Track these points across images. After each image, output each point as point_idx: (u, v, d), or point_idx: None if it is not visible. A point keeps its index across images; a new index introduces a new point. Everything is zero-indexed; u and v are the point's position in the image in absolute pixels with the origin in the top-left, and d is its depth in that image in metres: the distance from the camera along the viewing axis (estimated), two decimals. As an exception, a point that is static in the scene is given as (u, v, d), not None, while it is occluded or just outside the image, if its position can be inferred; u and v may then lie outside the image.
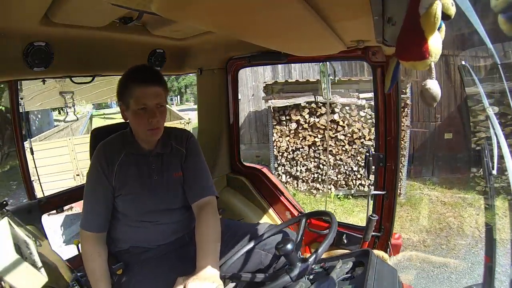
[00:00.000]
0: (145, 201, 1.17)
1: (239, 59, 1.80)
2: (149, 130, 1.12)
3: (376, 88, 1.35)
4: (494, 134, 1.27)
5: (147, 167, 1.19)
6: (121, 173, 1.16)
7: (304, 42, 1.00)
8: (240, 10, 0.58)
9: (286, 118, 5.11)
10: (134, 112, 1.10)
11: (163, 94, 1.12)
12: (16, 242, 0.92)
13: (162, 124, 1.15)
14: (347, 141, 5.04)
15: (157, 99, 1.10)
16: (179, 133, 1.30)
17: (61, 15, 1.01)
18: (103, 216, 1.16)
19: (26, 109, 5.39)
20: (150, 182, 1.18)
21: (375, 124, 1.42)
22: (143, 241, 1.19)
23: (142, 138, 1.18)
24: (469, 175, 5.11)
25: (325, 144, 5.05)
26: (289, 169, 5.28)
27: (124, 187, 1.15)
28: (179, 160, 1.25)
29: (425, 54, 0.52)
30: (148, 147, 1.20)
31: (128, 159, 1.17)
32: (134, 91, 1.08)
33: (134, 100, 1.08)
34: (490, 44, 1.19)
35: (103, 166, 1.15)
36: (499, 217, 2.91)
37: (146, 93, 1.08)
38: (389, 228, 1.41)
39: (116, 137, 1.23)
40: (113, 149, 1.18)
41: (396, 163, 1.36)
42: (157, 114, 1.10)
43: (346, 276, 1.02)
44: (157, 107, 1.11)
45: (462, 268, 3.45)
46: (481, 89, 1.12)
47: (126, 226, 1.19)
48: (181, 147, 1.26)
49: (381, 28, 0.72)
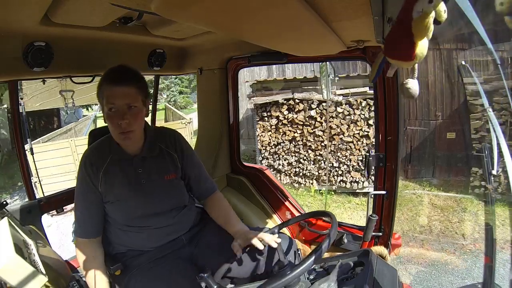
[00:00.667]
0: (133, 207, 1.14)
1: (239, 59, 1.80)
2: (120, 133, 1.06)
3: (376, 88, 1.35)
4: (494, 134, 1.27)
5: (133, 172, 1.15)
6: (107, 179, 1.12)
7: (304, 42, 1.00)
8: (240, 10, 0.58)
9: (267, 114, 5.44)
10: (106, 113, 1.06)
11: (134, 94, 1.06)
12: (16, 242, 0.92)
13: (135, 127, 1.08)
14: (326, 137, 5.18)
15: (126, 99, 1.04)
16: (166, 134, 1.26)
17: (61, 15, 1.01)
18: (95, 222, 1.14)
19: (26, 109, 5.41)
20: (138, 187, 1.14)
21: (375, 124, 1.42)
22: (137, 245, 1.18)
23: (118, 142, 1.12)
24: (469, 177, 5.01)
25: (304, 139, 5.30)
26: (272, 162, 5.59)
27: (110, 193, 1.12)
28: (171, 162, 1.21)
29: (411, 56, 0.53)
30: (132, 151, 1.15)
31: (113, 165, 1.13)
32: (104, 91, 1.05)
33: (105, 101, 1.04)
34: (490, 44, 1.19)
35: (89, 172, 1.12)
36: (499, 217, 2.90)
37: (114, 92, 1.03)
38: (389, 228, 1.41)
39: (103, 141, 1.18)
40: (98, 155, 1.14)
41: (396, 163, 1.36)
42: (126, 116, 1.03)
43: (346, 276, 1.02)
44: (128, 108, 1.04)
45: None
46: (481, 89, 1.11)
47: (118, 230, 1.17)
48: (171, 150, 1.22)
49: (381, 28, 0.72)
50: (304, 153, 5.36)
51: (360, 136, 5.03)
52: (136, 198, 1.14)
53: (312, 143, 5.27)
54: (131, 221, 1.15)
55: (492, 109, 1.68)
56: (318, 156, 5.30)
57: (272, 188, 1.90)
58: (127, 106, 1.05)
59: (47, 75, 1.40)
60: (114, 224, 1.17)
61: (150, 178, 1.16)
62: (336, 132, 5.09)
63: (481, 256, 3.34)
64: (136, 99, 1.06)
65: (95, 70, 1.50)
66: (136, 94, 1.07)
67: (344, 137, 5.08)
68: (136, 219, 1.15)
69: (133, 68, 1.11)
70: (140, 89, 1.08)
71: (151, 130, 1.21)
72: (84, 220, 1.14)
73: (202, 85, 1.98)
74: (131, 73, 1.09)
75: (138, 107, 1.07)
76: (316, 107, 5.12)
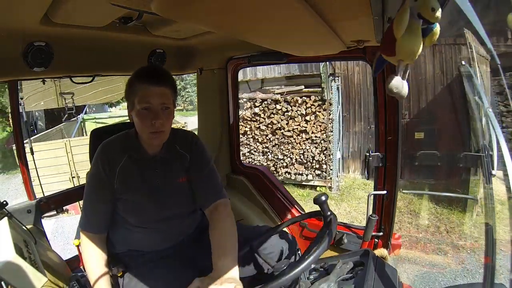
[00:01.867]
0: (146, 207, 1.14)
1: (239, 59, 1.80)
2: (152, 133, 1.06)
3: (376, 88, 1.35)
4: (494, 134, 1.27)
5: (150, 172, 1.15)
6: (123, 176, 1.11)
7: (304, 42, 1.00)
8: (240, 10, 0.58)
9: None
10: (137, 112, 1.05)
11: (169, 95, 1.07)
12: (16, 242, 0.93)
13: (167, 127, 1.09)
14: (269, 131, 6.00)
15: (162, 99, 1.05)
16: (184, 136, 1.24)
17: (61, 15, 1.01)
18: (103, 217, 1.14)
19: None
20: (152, 188, 1.14)
21: (375, 124, 1.42)
22: (141, 245, 1.18)
23: (145, 141, 1.12)
24: (439, 180, 5.07)
25: (252, 133, 6.13)
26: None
27: (125, 191, 1.12)
28: (183, 165, 1.20)
29: (392, 51, 0.57)
30: (152, 151, 1.15)
31: (130, 162, 1.13)
32: (138, 90, 1.04)
33: (138, 99, 1.04)
34: (490, 44, 1.19)
35: (104, 167, 1.11)
36: (497, 218, 2.92)
37: (150, 92, 1.04)
38: (389, 228, 1.41)
39: (119, 137, 1.18)
40: (115, 150, 1.14)
41: (396, 163, 1.36)
42: (161, 116, 1.04)
43: (346, 276, 1.02)
44: (162, 108, 1.05)
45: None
46: (481, 89, 1.11)
47: (125, 230, 1.17)
48: (185, 151, 1.21)
49: (381, 28, 0.72)
50: (254, 145, 6.18)
51: (299, 131, 5.73)
52: (150, 199, 1.13)
53: (259, 136, 6.10)
54: (143, 222, 1.15)
55: (492, 109, 1.68)
56: (265, 149, 6.12)
57: (272, 188, 1.90)
58: (162, 106, 1.05)
59: (47, 75, 1.40)
60: (122, 223, 1.17)
61: (164, 181, 1.16)
62: (277, 127, 5.87)
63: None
64: (170, 100, 1.08)
65: (95, 70, 1.50)
66: (171, 95, 1.08)
67: (285, 132, 5.81)
68: (148, 220, 1.15)
69: (165, 69, 1.12)
70: (174, 90, 1.10)
71: (170, 131, 1.20)
72: (92, 214, 1.13)
73: (202, 85, 1.98)
74: (166, 74, 1.10)
75: (171, 108, 1.09)
76: (260, 105, 5.94)
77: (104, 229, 1.15)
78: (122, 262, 1.16)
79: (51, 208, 1.62)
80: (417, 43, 0.55)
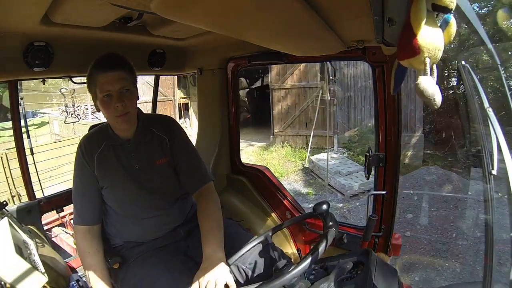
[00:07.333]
0: (127, 192, 1.16)
1: (239, 59, 1.80)
2: (117, 116, 1.10)
3: (376, 88, 1.35)
4: (494, 134, 1.27)
5: (126, 156, 1.18)
6: (102, 164, 1.16)
7: (304, 42, 1.00)
8: (240, 10, 0.58)
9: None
10: (101, 100, 1.09)
11: (127, 78, 1.11)
12: (16, 242, 0.92)
13: (132, 108, 1.12)
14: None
15: (120, 83, 1.08)
16: (161, 120, 1.29)
17: (61, 15, 1.01)
18: (93, 207, 1.17)
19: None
20: (131, 172, 1.17)
21: (375, 124, 1.42)
22: (135, 236, 1.19)
23: (115, 126, 1.17)
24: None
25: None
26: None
27: (105, 178, 1.16)
28: (162, 146, 1.23)
29: (415, 50, 0.49)
30: (125, 136, 1.19)
31: (107, 150, 1.17)
32: (97, 79, 1.08)
33: (99, 88, 1.08)
34: (490, 44, 1.19)
35: (85, 157, 1.16)
36: (496, 217, 2.91)
37: (108, 78, 1.07)
38: (389, 228, 1.41)
39: (95, 131, 1.24)
40: (92, 142, 1.19)
41: (396, 163, 1.35)
42: (122, 99, 1.08)
43: (346, 276, 1.02)
44: (122, 91, 1.09)
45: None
46: (481, 89, 1.12)
47: (117, 222, 1.19)
48: (163, 133, 1.24)
49: (381, 28, 0.72)
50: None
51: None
52: (129, 183, 1.16)
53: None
54: (126, 208, 1.17)
55: (492, 110, 1.66)
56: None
57: (272, 188, 1.90)
58: (123, 90, 1.09)
59: (47, 75, 1.40)
60: (112, 214, 1.19)
61: (142, 163, 1.19)
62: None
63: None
64: (129, 82, 1.12)
65: None
66: (129, 77, 1.12)
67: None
68: (131, 205, 1.17)
69: (119, 54, 1.14)
70: (131, 72, 1.14)
71: (144, 116, 1.24)
72: (81, 206, 1.17)
73: (202, 85, 1.98)
74: (120, 58, 1.13)
75: (131, 89, 1.12)
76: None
77: (97, 219, 1.17)
78: (119, 255, 1.17)
79: (51, 208, 1.63)
80: (439, 35, 0.50)
